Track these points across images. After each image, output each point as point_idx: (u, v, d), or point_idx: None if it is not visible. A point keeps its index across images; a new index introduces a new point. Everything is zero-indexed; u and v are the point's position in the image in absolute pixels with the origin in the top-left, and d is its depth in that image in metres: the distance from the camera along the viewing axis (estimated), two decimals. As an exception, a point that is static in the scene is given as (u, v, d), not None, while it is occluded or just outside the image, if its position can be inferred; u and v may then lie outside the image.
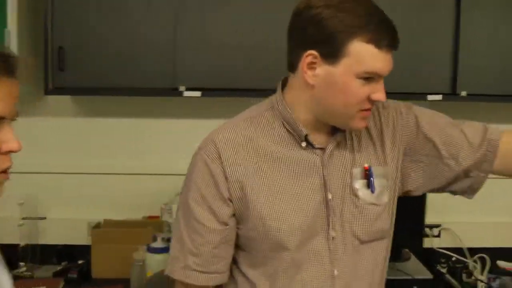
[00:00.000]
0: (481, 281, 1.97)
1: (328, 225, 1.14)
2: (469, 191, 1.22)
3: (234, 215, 1.14)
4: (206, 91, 1.86)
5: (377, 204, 1.17)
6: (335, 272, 1.14)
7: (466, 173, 1.20)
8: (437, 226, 2.17)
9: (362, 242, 1.16)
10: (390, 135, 1.20)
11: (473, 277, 2.00)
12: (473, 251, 2.18)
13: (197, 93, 1.86)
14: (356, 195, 1.15)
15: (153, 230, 1.99)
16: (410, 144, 1.21)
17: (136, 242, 1.94)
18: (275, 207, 1.12)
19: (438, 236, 2.18)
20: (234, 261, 1.20)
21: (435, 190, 1.25)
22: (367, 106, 1.09)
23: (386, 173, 1.18)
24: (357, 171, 1.16)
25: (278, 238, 1.12)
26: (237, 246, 1.18)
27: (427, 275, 2.03)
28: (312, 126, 1.14)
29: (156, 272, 1.71)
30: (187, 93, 1.86)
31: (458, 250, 2.20)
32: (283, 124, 1.15)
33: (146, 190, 2.19)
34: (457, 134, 1.19)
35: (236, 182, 1.12)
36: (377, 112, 1.21)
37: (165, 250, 1.84)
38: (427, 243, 2.22)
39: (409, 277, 1.97)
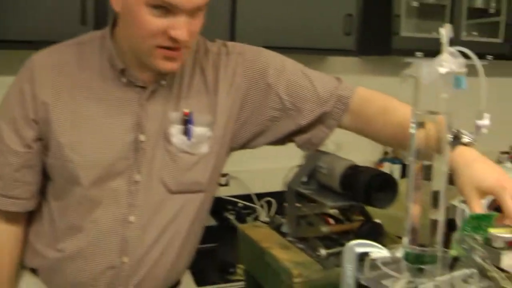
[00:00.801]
0: (265, 222, 2.09)
1: (134, 168, 1.07)
2: (309, 145, 1.20)
3: (41, 139, 1.09)
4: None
5: (191, 153, 1.10)
6: (131, 218, 1.08)
7: (309, 127, 1.17)
8: (224, 175, 2.22)
9: (171, 192, 1.10)
10: (228, 83, 1.13)
11: (257, 221, 2.11)
12: (261, 196, 2.30)
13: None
14: (169, 141, 1.09)
15: None
16: (251, 94, 1.15)
17: None
18: (77, 138, 1.06)
19: (226, 185, 2.25)
20: (43, 190, 1.15)
21: (276, 143, 1.21)
22: (166, 43, 0.99)
23: (212, 122, 1.12)
24: (175, 115, 1.09)
25: (72, 170, 1.07)
26: (46, 175, 1.14)
27: (211, 222, 2.08)
28: (137, 63, 1.07)
29: None
30: None
31: (247, 197, 2.31)
32: (107, 57, 1.09)
33: None
34: (305, 85, 1.15)
35: (43, 104, 1.07)
36: (217, 57, 1.14)
37: None
38: (215, 192, 2.27)
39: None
